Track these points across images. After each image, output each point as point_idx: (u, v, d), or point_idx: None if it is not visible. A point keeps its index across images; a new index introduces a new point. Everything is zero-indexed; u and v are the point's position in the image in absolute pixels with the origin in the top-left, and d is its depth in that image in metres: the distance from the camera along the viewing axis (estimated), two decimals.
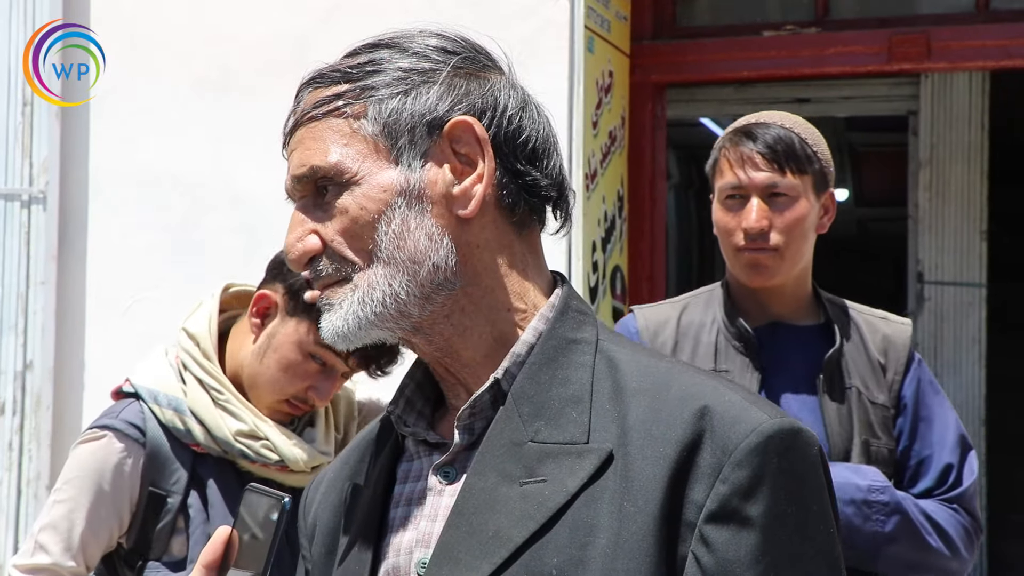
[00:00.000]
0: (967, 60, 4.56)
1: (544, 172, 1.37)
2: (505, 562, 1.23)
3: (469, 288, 1.33)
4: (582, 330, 1.35)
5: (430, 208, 1.32)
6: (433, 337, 1.35)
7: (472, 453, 1.32)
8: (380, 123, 1.32)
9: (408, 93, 1.33)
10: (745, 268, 2.57)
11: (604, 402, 1.29)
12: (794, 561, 1.22)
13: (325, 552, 1.42)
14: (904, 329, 2.64)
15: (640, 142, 4.61)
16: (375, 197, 1.31)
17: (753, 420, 1.23)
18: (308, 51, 4.18)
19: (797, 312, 2.62)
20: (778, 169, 2.54)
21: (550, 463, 1.26)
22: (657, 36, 4.70)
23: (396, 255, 1.31)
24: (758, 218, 2.54)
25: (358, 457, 1.46)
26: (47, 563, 2.38)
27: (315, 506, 1.49)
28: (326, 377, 2.40)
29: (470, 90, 1.35)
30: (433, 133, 1.33)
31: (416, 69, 1.34)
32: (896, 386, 2.57)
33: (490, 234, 1.35)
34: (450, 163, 1.33)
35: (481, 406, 1.32)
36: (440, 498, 1.33)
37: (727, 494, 1.21)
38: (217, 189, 4.36)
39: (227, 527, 1.33)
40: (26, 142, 4.41)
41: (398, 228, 1.31)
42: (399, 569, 1.33)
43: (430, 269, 1.31)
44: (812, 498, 1.25)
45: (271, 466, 2.40)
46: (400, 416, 1.39)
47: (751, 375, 2.55)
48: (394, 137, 1.32)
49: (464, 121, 1.33)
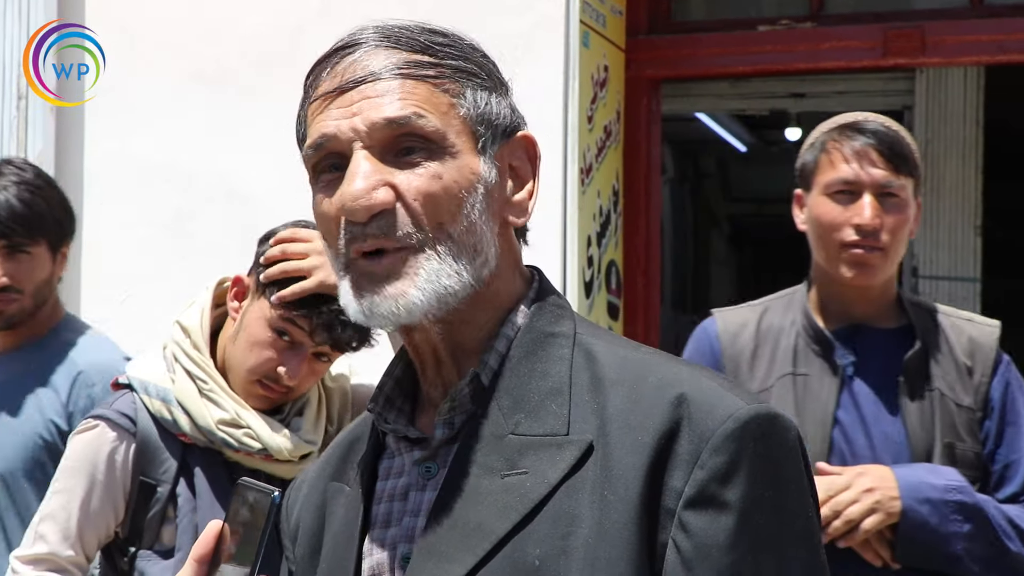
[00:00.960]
0: (962, 55, 4.56)
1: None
2: (488, 554, 1.24)
3: (481, 288, 1.34)
4: (560, 323, 1.36)
5: (495, 208, 1.34)
6: (441, 327, 1.35)
7: (453, 447, 1.32)
8: (477, 109, 1.33)
9: (492, 92, 1.35)
10: (849, 265, 2.53)
11: (583, 394, 1.29)
12: (772, 545, 1.23)
13: (309, 553, 1.43)
14: (991, 331, 2.59)
15: (635, 137, 4.61)
16: (467, 176, 1.31)
17: (730, 406, 1.24)
18: (304, 44, 4.18)
19: (880, 315, 2.58)
20: (893, 168, 2.51)
21: (531, 455, 1.27)
22: (652, 31, 4.70)
23: (466, 239, 1.31)
24: (873, 215, 2.50)
25: (339, 456, 1.47)
26: (45, 552, 2.41)
27: (297, 507, 1.49)
28: (294, 354, 2.38)
29: (514, 108, 1.38)
30: (505, 137, 1.35)
31: (495, 72, 1.37)
32: (983, 388, 2.53)
33: (509, 242, 1.38)
34: (511, 170, 1.37)
35: (461, 400, 1.32)
36: (422, 493, 1.34)
37: (705, 480, 1.22)
38: (213, 183, 4.36)
39: (218, 521, 1.34)
40: (21, 136, 4.41)
41: (476, 215, 1.31)
42: (383, 565, 1.34)
43: (483, 261, 1.33)
44: (790, 482, 1.26)
45: (255, 455, 2.41)
46: (380, 413, 1.39)
47: (830, 378, 2.52)
48: (485, 128, 1.33)
49: (530, 137, 1.37)
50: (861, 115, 2.61)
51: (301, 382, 2.42)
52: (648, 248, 4.66)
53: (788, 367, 2.57)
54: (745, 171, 11.35)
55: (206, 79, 4.39)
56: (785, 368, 2.57)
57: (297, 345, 2.38)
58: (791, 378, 2.57)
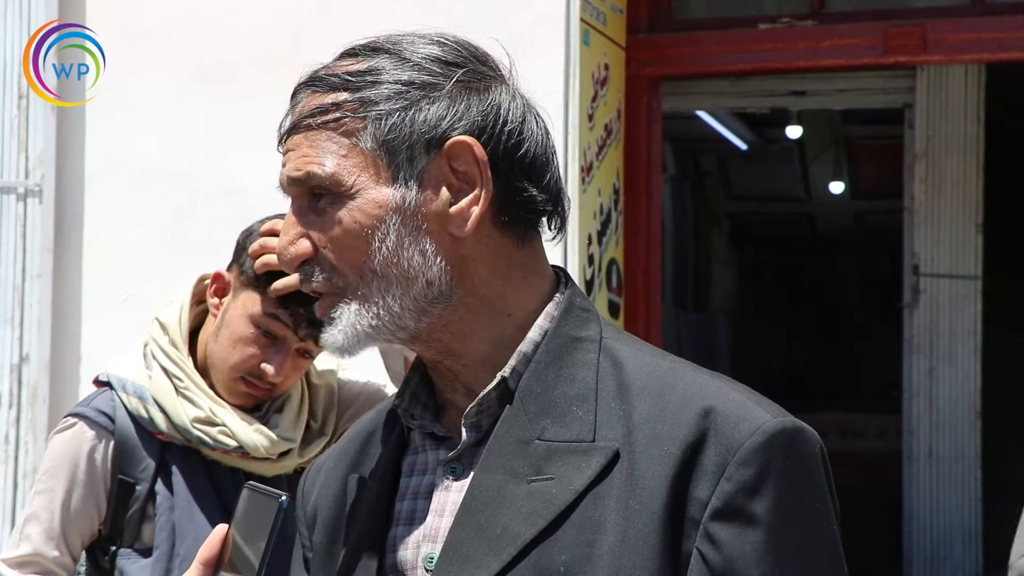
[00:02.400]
0: (963, 53, 4.56)
1: (541, 186, 1.36)
2: (513, 559, 1.24)
3: (467, 299, 1.33)
4: (586, 328, 1.35)
5: (424, 226, 1.31)
6: (432, 344, 1.35)
7: (479, 450, 1.32)
8: (379, 140, 1.31)
9: (408, 109, 1.31)
10: None
11: (609, 400, 1.29)
12: (799, 558, 1.23)
13: (327, 543, 1.42)
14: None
15: (636, 135, 4.61)
16: (369, 212, 1.30)
17: (757, 419, 1.24)
18: (303, 43, 4.18)
19: None
20: None
21: (557, 461, 1.27)
22: (653, 29, 4.69)
23: (389, 270, 1.31)
24: None
25: (358, 447, 1.46)
26: (30, 553, 2.39)
27: (314, 495, 1.48)
28: (277, 350, 2.36)
29: (471, 105, 1.33)
30: (431, 151, 1.31)
31: (416, 83, 1.32)
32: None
33: (486, 248, 1.34)
34: (447, 181, 1.32)
35: (488, 404, 1.32)
36: (447, 494, 1.33)
37: (732, 492, 1.22)
38: (213, 181, 4.36)
39: (225, 525, 1.33)
40: (22, 135, 4.41)
41: (392, 244, 1.30)
42: (406, 563, 1.34)
43: (423, 285, 1.31)
44: (816, 496, 1.26)
45: (231, 453, 2.39)
46: (407, 409, 1.39)
47: None
48: (392, 154, 1.31)
49: (463, 142, 1.31)
50: None
51: (285, 379, 2.40)
52: (649, 246, 4.66)
53: None
54: (746, 169, 11.35)
55: (207, 78, 4.38)
56: None
57: (280, 341, 2.36)
58: None
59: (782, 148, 10.51)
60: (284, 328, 2.34)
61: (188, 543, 2.34)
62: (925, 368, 6.88)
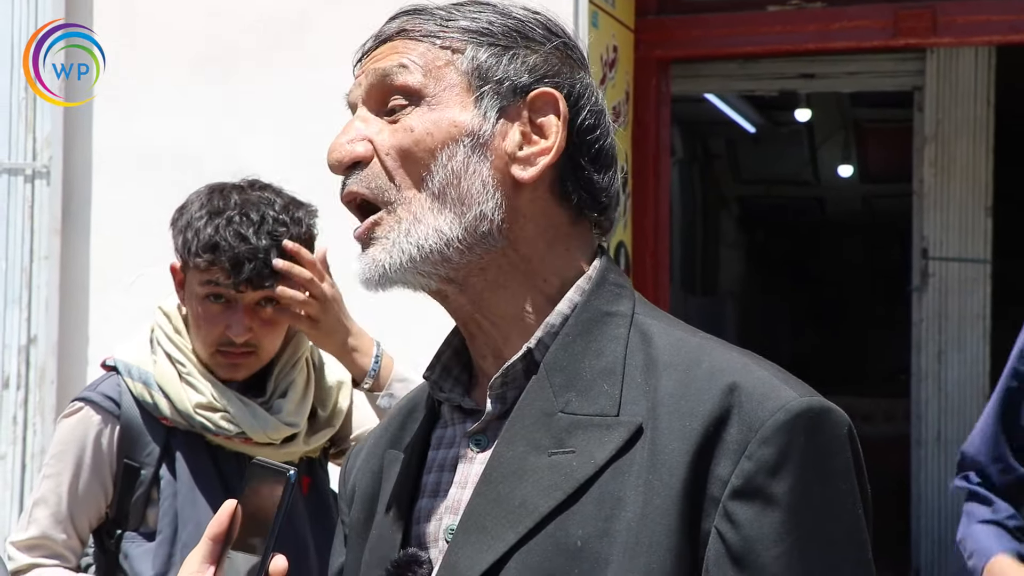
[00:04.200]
0: (973, 35, 4.54)
1: (603, 177, 1.38)
2: (530, 531, 1.23)
3: (509, 251, 1.33)
4: (618, 303, 1.34)
5: (492, 159, 1.31)
6: (466, 288, 1.34)
7: (504, 422, 1.31)
8: (475, 64, 1.32)
9: (508, 49, 1.33)
10: None
11: (636, 375, 1.28)
12: (820, 540, 1.21)
13: (363, 518, 1.43)
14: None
15: (644, 118, 4.60)
16: (444, 128, 1.31)
17: (782, 397, 1.22)
18: (310, 27, 4.17)
19: None
20: None
21: (580, 434, 1.26)
22: (662, 11, 4.68)
23: (447, 191, 1.30)
24: None
25: (399, 424, 1.46)
26: (39, 536, 2.42)
27: (355, 472, 1.49)
28: (232, 312, 2.38)
29: (563, 71, 1.35)
30: (519, 93, 1.33)
31: (520, 32, 1.35)
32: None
33: (538, 208, 1.34)
34: (523, 127, 1.33)
35: (514, 375, 1.32)
36: (471, 466, 1.33)
37: (752, 471, 1.20)
38: (220, 164, 4.32)
39: (233, 500, 1.33)
40: (29, 117, 4.41)
41: (457, 166, 1.30)
42: (429, 535, 1.34)
43: (476, 215, 1.30)
44: (840, 478, 1.24)
45: (234, 438, 2.41)
46: (436, 382, 1.39)
47: None
48: (483, 82, 1.32)
49: (551, 93, 1.33)
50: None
51: (260, 338, 2.41)
52: (657, 229, 4.65)
53: None
54: (754, 152, 11.32)
55: (213, 62, 4.38)
56: None
57: (231, 302, 2.38)
58: None
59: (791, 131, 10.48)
60: (224, 286, 2.36)
61: (190, 529, 2.36)
62: (934, 352, 6.86)
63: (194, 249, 2.36)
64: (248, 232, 2.35)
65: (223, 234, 2.35)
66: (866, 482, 1.28)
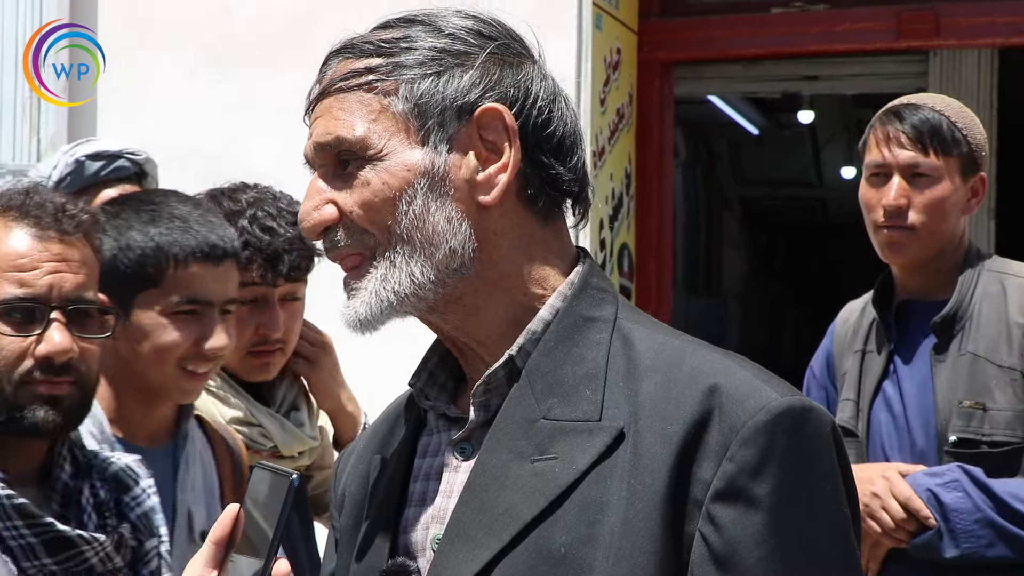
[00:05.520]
0: (976, 37, 4.55)
1: (567, 167, 1.36)
2: (513, 539, 1.24)
3: (484, 272, 1.33)
4: (600, 308, 1.34)
5: (452, 192, 1.31)
6: (447, 316, 1.35)
7: (488, 429, 1.31)
8: (411, 102, 1.31)
9: (441, 75, 1.32)
10: (882, 245, 2.66)
11: (618, 380, 1.28)
12: (804, 541, 1.22)
13: (352, 524, 1.43)
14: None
15: (648, 119, 4.60)
16: (398, 174, 1.30)
17: (763, 398, 1.23)
18: (315, 23, 4.18)
19: (933, 288, 2.66)
20: (921, 149, 2.59)
21: (562, 440, 1.26)
22: (665, 13, 4.68)
23: (414, 235, 1.30)
24: (896, 196, 2.60)
25: (387, 429, 1.46)
26: None
27: (344, 477, 1.49)
28: (264, 308, 2.40)
29: (503, 77, 1.34)
30: (463, 117, 1.32)
31: (451, 51, 1.33)
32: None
33: (509, 222, 1.34)
34: (476, 149, 1.32)
35: (496, 382, 1.32)
36: (456, 474, 1.33)
37: (734, 473, 1.20)
38: (226, 163, 4.34)
39: (236, 505, 1.33)
40: (34, 119, 4.42)
41: (419, 208, 1.30)
42: (416, 544, 1.34)
43: (447, 253, 1.31)
44: (823, 477, 1.24)
45: (263, 452, 2.43)
46: (421, 389, 1.39)
47: (883, 352, 2.65)
48: (423, 118, 1.31)
49: (494, 108, 1.32)
50: (908, 98, 2.70)
51: (289, 333, 2.43)
52: (660, 231, 4.65)
53: (859, 344, 2.71)
54: (758, 154, 11.31)
55: (218, 59, 4.39)
56: (857, 344, 2.72)
57: (260, 300, 2.39)
58: (860, 354, 2.72)
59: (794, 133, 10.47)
60: (258, 286, 2.37)
61: None
62: None
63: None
64: (276, 226, 2.35)
65: (252, 231, 2.34)
66: (853, 481, 1.28)
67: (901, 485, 2.53)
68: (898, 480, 2.53)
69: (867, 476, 2.53)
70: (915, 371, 2.61)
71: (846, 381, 2.73)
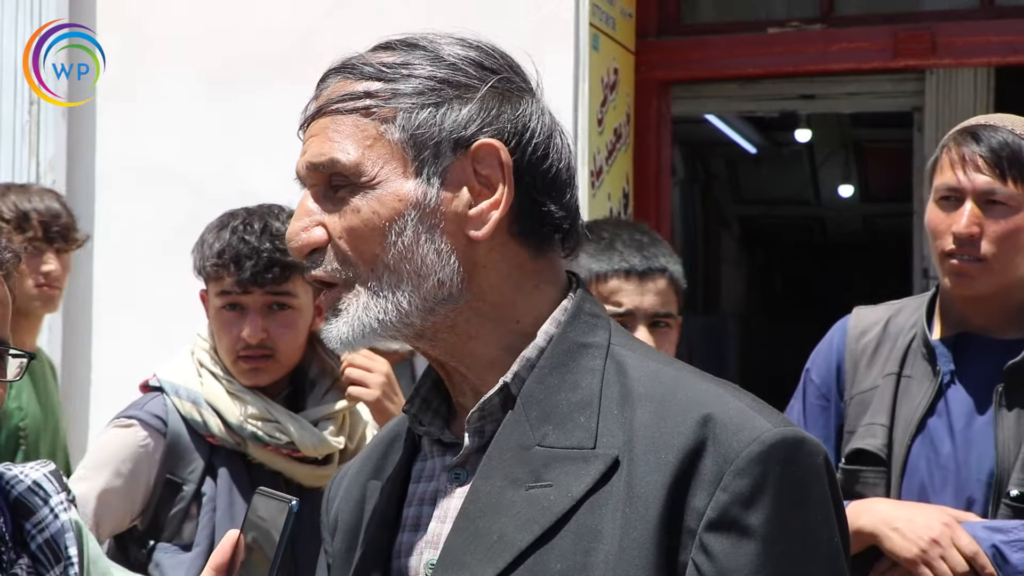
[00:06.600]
0: (972, 56, 4.56)
1: (561, 204, 1.36)
2: (509, 566, 1.24)
3: (475, 303, 1.33)
4: (594, 334, 1.34)
5: (442, 225, 1.31)
6: (436, 343, 1.35)
7: (483, 455, 1.31)
8: (408, 132, 1.31)
9: (440, 106, 1.31)
10: (948, 274, 2.44)
11: (612, 407, 1.28)
12: (795, 571, 1.22)
13: (345, 548, 1.43)
14: None
15: (645, 139, 4.61)
16: (389, 205, 1.30)
17: (756, 428, 1.23)
18: (313, 44, 4.19)
19: (998, 325, 2.46)
20: (999, 175, 2.40)
21: (556, 468, 1.26)
22: (662, 33, 4.70)
23: (402, 266, 1.30)
24: (968, 224, 2.39)
25: (380, 454, 1.46)
26: None
27: (337, 501, 1.49)
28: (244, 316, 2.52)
29: (501, 112, 1.33)
30: (458, 151, 1.31)
31: (451, 81, 1.32)
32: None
33: (499, 255, 1.34)
34: (469, 183, 1.32)
35: (491, 409, 1.32)
36: (450, 500, 1.33)
37: (727, 503, 1.21)
38: (224, 183, 4.36)
39: (236, 530, 1.33)
40: (33, 140, 4.43)
41: (408, 240, 1.30)
42: (410, 569, 1.34)
43: (434, 284, 1.31)
44: (815, 508, 1.24)
45: (281, 449, 2.51)
46: (415, 415, 1.39)
47: (929, 383, 2.45)
48: (419, 149, 1.31)
49: (491, 144, 1.31)
50: (985, 118, 2.52)
51: (276, 340, 2.52)
52: None
53: (895, 367, 2.50)
54: (755, 172, 11.34)
55: (217, 80, 4.40)
56: (893, 368, 2.50)
57: (244, 308, 2.51)
58: (894, 378, 2.51)
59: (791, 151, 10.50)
60: (236, 294, 2.50)
61: None
62: None
63: (207, 256, 2.52)
64: (250, 236, 2.48)
65: (229, 240, 2.49)
66: (843, 510, 1.28)
67: (966, 538, 2.32)
68: (961, 531, 2.33)
69: (924, 521, 2.34)
70: (971, 412, 2.41)
71: (873, 403, 2.52)
